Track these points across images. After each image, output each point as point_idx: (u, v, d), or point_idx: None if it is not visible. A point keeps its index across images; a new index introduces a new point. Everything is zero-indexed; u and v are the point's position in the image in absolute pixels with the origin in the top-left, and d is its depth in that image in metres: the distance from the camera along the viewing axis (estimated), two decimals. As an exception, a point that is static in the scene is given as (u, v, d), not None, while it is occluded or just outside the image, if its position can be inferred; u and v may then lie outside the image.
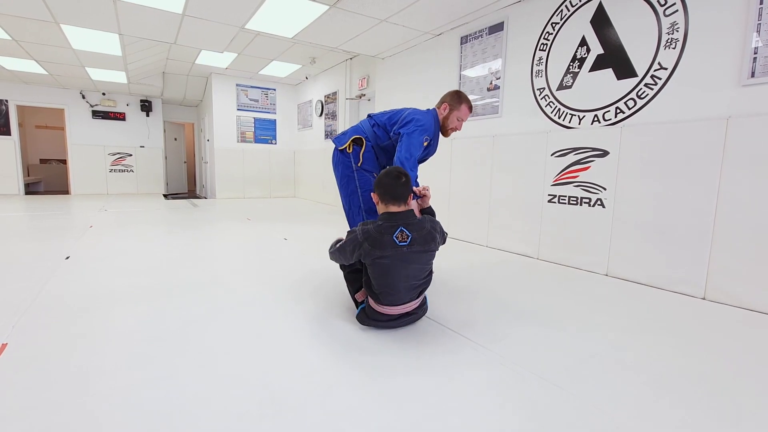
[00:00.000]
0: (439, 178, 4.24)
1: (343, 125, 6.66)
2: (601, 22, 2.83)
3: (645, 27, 2.59)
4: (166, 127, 9.57)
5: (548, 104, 3.22)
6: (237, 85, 7.84)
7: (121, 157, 8.87)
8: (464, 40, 3.96)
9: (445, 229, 1.86)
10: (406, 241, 1.65)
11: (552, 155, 3.16)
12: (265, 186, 8.46)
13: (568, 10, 3.04)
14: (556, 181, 3.14)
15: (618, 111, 2.77)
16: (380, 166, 2.32)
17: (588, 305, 2.24)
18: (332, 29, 4.29)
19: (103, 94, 8.47)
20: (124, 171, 8.92)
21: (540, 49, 3.26)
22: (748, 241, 2.17)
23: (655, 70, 2.56)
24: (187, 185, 10.64)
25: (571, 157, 3.03)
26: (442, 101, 2.29)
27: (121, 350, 1.58)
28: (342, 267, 2.13)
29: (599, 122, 2.88)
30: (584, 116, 2.97)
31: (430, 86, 4.45)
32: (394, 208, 1.71)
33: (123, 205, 6.56)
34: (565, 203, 3.09)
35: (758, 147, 2.12)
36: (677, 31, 2.45)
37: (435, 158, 2.81)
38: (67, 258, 2.98)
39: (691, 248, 2.40)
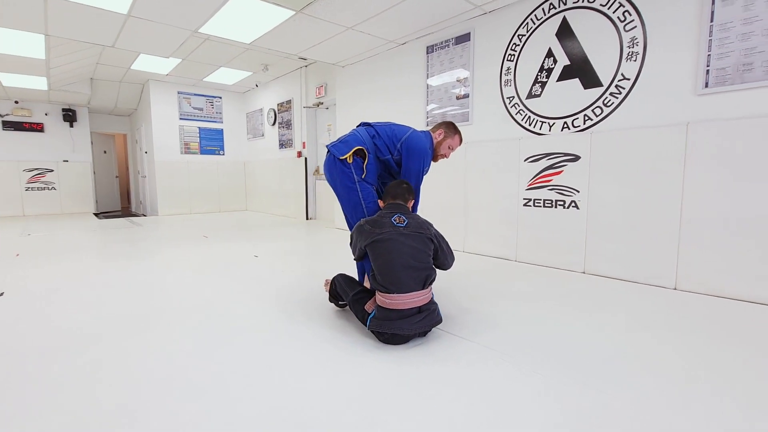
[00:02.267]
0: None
1: (300, 135, 6.46)
2: (566, 35, 3.01)
3: (607, 40, 2.80)
4: (93, 138, 8.63)
5: (518, 112, 3.36)
6: (179, 92, 7.30)
7: (39, 174, 7.83)
8: (430, 49, 4.02)
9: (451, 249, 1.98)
10: (402, 224, 1.83)
11: (525, 161, 3.29)
12: (213, 200, 7.94)
13: (534, 23, 3.20)
14: (530, 185, 3.27)
15: (586, 118, 2.95)
16: (379, 178, 2.25)
17: (577, 304, 2.33)
18: (295, 35, 4.14)
19: (16, 102, 7.45)
20: (44, 189, 7.88)
21: (508, 60, 3.40)
22: (711, 234, 2.41)
23: (618, 81, 2.77)
24: (120, 202, 9.67)
25: (544, 162, 3.17)
26: (437, 127, 2.30)
27: (92, 402, 1.34)
28: (343, 296, 2.03)
29: (569, 129, 3.05)
30: (554, 123, 3.13)
31: (395, 95, 4.46)
32: (386, 202, 1.98)
33: (50, 228, 5.77)
34: (540, 206, 3.22)
35: (715, 148, 2.37)
36: (637, 44, 2.67)
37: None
38: (1, 294, 2.53)
39: (660, 243, 2.61)
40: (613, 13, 2.76)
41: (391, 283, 1.72)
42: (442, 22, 3.76)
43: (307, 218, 6.48)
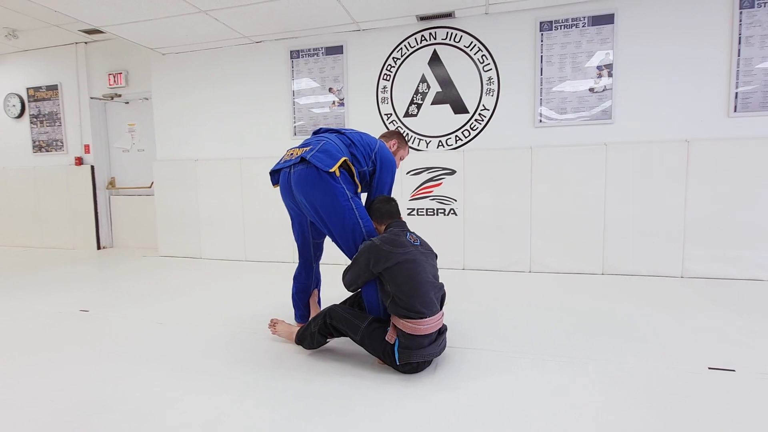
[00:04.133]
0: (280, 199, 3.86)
1: (79, 135, 4.76)
2: (437, 65, 3.48)
3: (471, 76, 3.42)
4: None
5: (396, 128, 3.62)
6: None
7: None
8: (296, 54, 3.79)
9: None
10: (417, 242, 1.76)
11: (407, 174, 3.58)
12: None
13: (408, 50, 3.53)
14: (413, 196, 3.59)
15: (458, 138, 3.50)
16: None
17: (465, 295, 2.79)
18: (113, 4, 3.06)
19: None
20: None
21: (384, 79, 3.61)
22: (550, 228, 3.32)
23: (481, 110, 3.42)
24: None
25: (425, 175, 3.55)
26: (390, 137, 2.22)
27: None
28: (349, 331, 1.72)
29: (443, 147, 3.54)
30: (431, 141, 3.56)
31: (251, 97, 3.95)
32: (390, 220, 1.88)
33: None
34: (423, 215, 3.58)
35: (549, 166, 3.28)
36: (493, 83, 3.38)
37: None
38: None
39: (518, 238, 3.39)
40: (474, 54, 3.39)
41: (423, 306, 1.61)
42: (311, 29, 3.61)
43: (99, 247, 4.81)
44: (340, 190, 1.78)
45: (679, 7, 2.97)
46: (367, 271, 1.68)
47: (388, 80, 3.60)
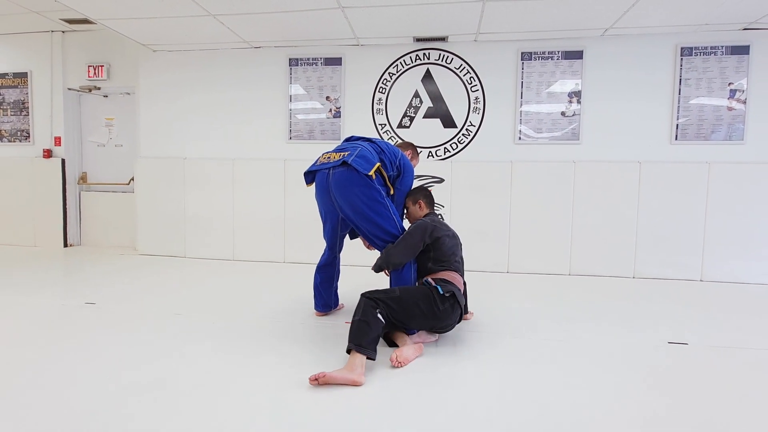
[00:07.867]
0: (272, 200, 3.97)
1: (49, 126, 4.54)
2: (429, 83, 3.81)
3: (459, 95, 3.78)
4: None
5: (390, 138, 3.89)
6: None
7: None
8: (294, 62, 3.95)
9: None
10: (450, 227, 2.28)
11: (400, 180, 3.85)
12: None
13: (403, 67, 3.83)
14: (404, 201, 3.86)
15: (446, 150, 3.84)
16: None
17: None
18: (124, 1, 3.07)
19: None
20: None
21: (379, 91, 3.88)
22: (526, 234, 3.73)
23: (468, 126, 3.79)
24: None
25: (416, 183, 3.82)
26: (406, 147, 2.54)
27: None
28: (392, 292, 1.97)
29: (433, 157, 3.85)
30: (421, 151, 3.85)
31: (246, 100, 4.04)
32: (430, 210, 2.36)
33: None
34: (413, 219, 3.86)
35: (526, 178, 3.70)
36: (479, 102, 3.77)
37: (274, 183, 3.95)
38: None
39: (498, 241, 3.76)
40: (464, 76, 3.76)
41: (457, 267, 2.10)
42: (312, 40, 3.80)
43: (66, 245, 4.57)
44: (377, 190, 2.03)
45: (635, 49, 3.53)
46: (420, 243, 2.05)
47: (384, 93, 3.87)
